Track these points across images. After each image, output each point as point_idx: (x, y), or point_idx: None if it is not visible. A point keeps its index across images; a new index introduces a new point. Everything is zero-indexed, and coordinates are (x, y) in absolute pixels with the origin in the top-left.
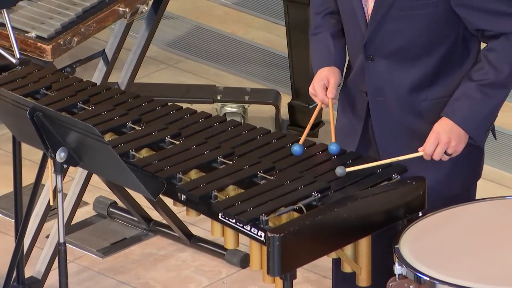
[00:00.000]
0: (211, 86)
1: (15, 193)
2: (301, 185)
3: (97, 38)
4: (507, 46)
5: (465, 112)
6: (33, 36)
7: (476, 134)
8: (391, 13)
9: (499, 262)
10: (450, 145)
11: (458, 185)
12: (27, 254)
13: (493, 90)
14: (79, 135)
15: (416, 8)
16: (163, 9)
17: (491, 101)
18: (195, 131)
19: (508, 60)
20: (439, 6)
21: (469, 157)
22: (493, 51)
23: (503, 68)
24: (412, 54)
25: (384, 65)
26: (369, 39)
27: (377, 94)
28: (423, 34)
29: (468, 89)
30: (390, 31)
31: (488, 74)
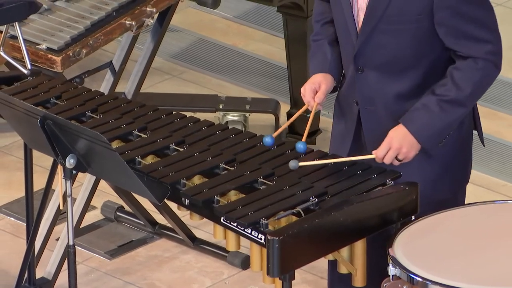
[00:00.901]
0: (214, 96)
1: (27, 197)
2: (299, 190)
3: (104, 50)
4: (473, 69)
5: (421, 123)
6: (44, 48)
7: (428, 145)
8: (380, 27)
9: (488, 264)
10: (401, 151)
11: (446, 189)
12: (38, 256)
13: (452, 107)
14: (87, 143)
15: (403, 23)
16: (168, 22)
17: (448, 117)
18: (198, 139)
19: (470, 81)
20: (424, 22)
21: (456, 162)
22: (459, 70)
23: (465, 87)
24: (399, 66)
25: (374, 77)
26: (359, 51)
27: (367, 104)
28: (409, 48)
29: (428, 101)
30: (378, 44)
31: (450, 91)
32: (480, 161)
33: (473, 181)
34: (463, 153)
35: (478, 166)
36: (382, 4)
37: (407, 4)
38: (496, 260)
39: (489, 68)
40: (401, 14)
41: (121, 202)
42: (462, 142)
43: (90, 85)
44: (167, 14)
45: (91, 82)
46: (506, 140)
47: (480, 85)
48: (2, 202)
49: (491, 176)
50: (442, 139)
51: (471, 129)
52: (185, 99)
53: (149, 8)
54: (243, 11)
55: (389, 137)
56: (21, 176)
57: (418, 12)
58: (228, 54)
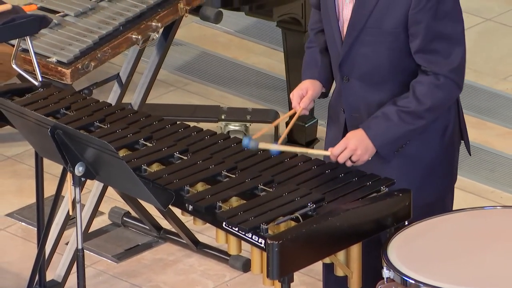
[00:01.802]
0: (216, 107)
1: (38, 204)
2: (297, 197)
3: (112, 63)
4: (434, 84)
5: (379, 130)
6: (54, 61)
7: (383, 151)
8: (361, 38)
9: (478, 266)
10: (355, 153)
11: (431, 193)
12: (48, 259)
13: (410, 118)
14: (95, 151)
15: (381, 36)
16: (172, 37)
17: (406, 127)
18: (201, 148)
19: (430, 96)
20: (400, 35)
21: (440, 168)
22: (421, 84)
23: (425, 101)
24: (379, 77)
25: (358, 86)
26: (343, 61)
27: (352, 111)
28: (387, 59)
29: (388, 111)
30: (360, 54)
31: (410, 103)
32: (469, 169)
33: (463, 188)
34: (447, 159)
35: (468, 173)
36: (363, 16)
37: (384, 17)
38: (485, 263)
39: (449, 86)
40: (379, 26)
41: (128, 208)
42: (446, 148)
43: (98, 96)
44: (172, 29)
45: (99, 93)
46: (494, 149)
47: (439, 101)
48: (14, 208)
49: (480, 183)
50: (398, 147)
51: (456, 136)
52: (189, 110)
53: (155, 23)
54: (244, 26)
55: (347, 138)
56: (33, 183)
57: (395, 26)
58: (229, 67)
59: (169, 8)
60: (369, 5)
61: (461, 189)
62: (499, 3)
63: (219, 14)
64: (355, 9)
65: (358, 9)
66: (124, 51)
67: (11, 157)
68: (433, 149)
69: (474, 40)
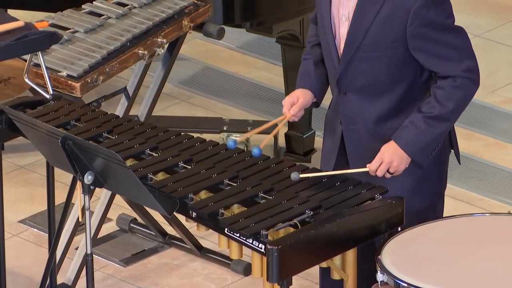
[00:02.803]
0: (218, 118)
1: (49, 211)
2: (296, 204)
3: (120, 77)
4: (453, 86)
5: (410, 138)
6: (64, 75)
7: (418, 158)
8: (358, 55)
9: (468, 270)
10: (392, 165)
11: (422, 200)
12: (59, 263)
13: (436, 122)
14: (104, 161)
15: (379, 51)
16: (177, 52)
17: (434, 131)
18: (205, 157)
19: (452, 98)
20: (398, 49)
21: (430, 176)
22: (441, 89)
23: (447, 104)
24: (377, 90)
25: (355, 99)
26: (340, 76)
27: (349, 123)
28: (385, 73)
29: (415, 118)
30: (357, 70)
31: (434, 108)
32: (459, 177)
33: (454, 195)
34: (437, 168)
35: (458, 182)
36: (359, 35)
37: (382, 34)
38: (474, 267)
39: (467, 84)
40: (377, 43)
41: (135, 215)
42: (436, 158)
43: (106, 108)
44: (176, 44)
45: (107, 106)
46: (483, 159)
47: (461, 100)
48: (26, 214)
49: (469, 191)
50: (431, 151)
51: (446, 147)
52: (193, 122)
53: (160, 39)
54: (245, 41)
55: (381, 152)
56: (44, 191)
57: (393, 41)
58: (231, 80)
59: (174, 25)
60: (366, 24)
61: (451, 197)
62: (487, 21)
63: (221, 31)
64: (352, 28)
65: (355, 28)
66: (131, 66)
67: (24, 167)
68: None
69: None
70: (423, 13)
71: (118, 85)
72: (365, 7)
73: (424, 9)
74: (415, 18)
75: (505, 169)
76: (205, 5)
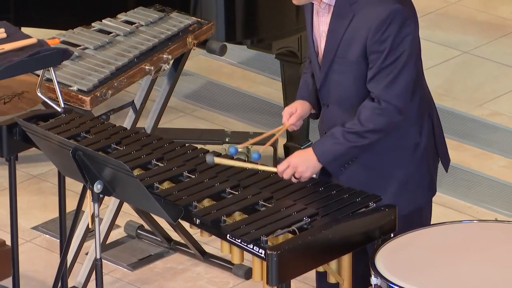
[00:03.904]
0: (221, 131)
1: (60, 218)
2: (294, 212)
3: (127, 91)
4: (376, 109)
5: (326, 147)
6: (75, 89)
7: (329, 166)
8: (333, 67)
9: (457, 274)
10: (297, 170)
11: (406, 205)
12: (70, 268)
13: (354, 137)
14: (112, 171)
15: (348, 65)
16: (182, 68)
17: (349, 144)
18: (208, 167)
19: (372, 120)
20: (361, 64)
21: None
22: (365, 109)
23: (367, 124)
24: (349, 103)
25: (335, 111)
26: (320, 88)
27: None
28: (353, 86)
29: (335, 131)
30: (333, 82)
31: (355, 125)
32: (449, 186)
33: (443, 203)
34: (419, 175)
35: (447, 190)
36: (333, 48)
37: (349, 48)
38: (463, 271)
39: (390, 111)
40: (345, 56)
41: (142, 222)
42: (418, 163)
43: (114, 121)
44: (181, 60)
45: (116, 118)
46: (471, 168)
47: (380, 125)
48: (39, 221)
49: (458, 199)
50: (344, 163)
51: (430, 154)
52: (196, 133)
53: (166, 55)
54: (246, 58)
55: (291, 156)
56: (56, 199)
57: (357, 55)
58: (233, 95)
59: (179, 42)
60: (337, 38)
61: (441, 205)
62: (475, 38)
63: (224, 48)
64: (327, 41)
65: (329, 42)
66: (138, 81)
67: (37, 176)
68: (405, 166)
69: (452, 71)
70: (382, 30)
71: (126, 99)
72: (337, 22)
73: (384, 26)
74: (374, 33)
75: (492, 178)
76: (208, 23)
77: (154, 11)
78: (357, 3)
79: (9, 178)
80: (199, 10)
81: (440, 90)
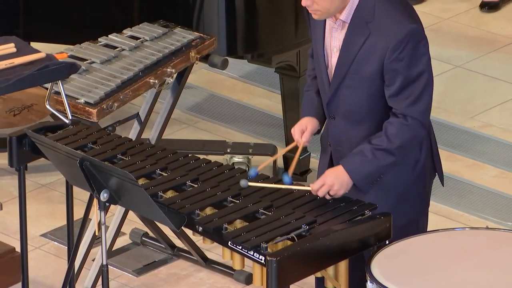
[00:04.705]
0: (222, 142)
1: (68, 225)
2: (293, 219)
3: (132, 104)
4: (402, 125)
5: (356, 165)
6: (82, 102)
7: (360, 184)
8: (345, 82)
9: (449, 280)
10: (332, 188)
11: (404, 217)
12: (77, 273)
13: (382, 155)
14: (118, 180)
15: (361, 80)
16: (185, 81)
17: (378, 162)
18: (210, 177)
19: (399, 136)
20: (376, 80)
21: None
22: (391, 125)
23: (394, 141)
24: (359, 116)
25: (342, 123)
26: (329, 102)
27: (337, 145)
28: (365, 101)
29: (364, 148)
30: (343, 96)
31: (382, 142)
32: (442, 195)
33: (437, 212)
34: (418, 188)
35: (441, 199)
36: (346, 64)
37: (364, 65)
38: (455, 276)
39: (416, 126)
40: (359, 72)
41: (146, 229)
42: (416, 179)
43: (120, 132)
44: (184, 74)
45: (121, 130)
46: (463, 178)
47: (407, 140)
48: (47, 229)
49: (451, 207)
50: (374, 180)
51: (428, 170)
52: (199, 144)
53: (169, 69)
54: (246, 71)
55: (325, 175)
56: (64, 207)
57: (372, 72)
58: (234, 107)
59: (182, 56)
60: (352, 54)
61: (435, 213)
62: (466, 53)
63: (225, 62)
64: (340, 57)
65: (343, 58)
66: (143, 93)
67: (45, 185)
68: (404, 180)
69: (445, 84)
70: (400, 49)
71: (131, 111)
72: (352, 39)
73: (402, 45)
74: (392, 52)
75: (483, 187)
76: (210, 38)
77: (158, 27)
78: (373, 22)
79: (19, 187)
80: (201, 26)
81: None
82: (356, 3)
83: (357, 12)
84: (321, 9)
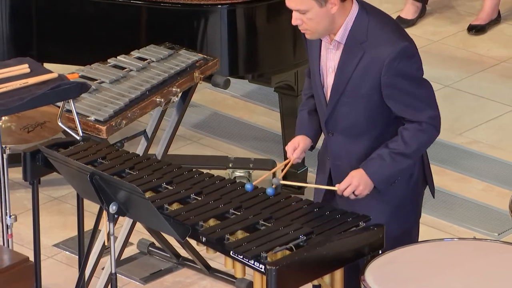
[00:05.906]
0: (225, 157)
1: (79, 236)
2: (291, 230)
3: (140, 121)
4: (418, 130)
5: (376, 168)
6: (92, 120)
7: (380, 186)
8: (342, 100)
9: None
10: (358, 188)
11: (397, 227)
12: (87, 281)
13: (399, 158)
14: (126, 193)
15: (358, 97)
16: (189, 100)
17: (396, 165)
18: (213, 190)
19: (415, 139)
20: (373, 96)
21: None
22: (407, 130)
23: (411, 144)
24: (357, 131)
25: (340, 139)
26: (327, 119)
27: (335, 160)
28: (363, 116)
29: (382, 152)
30: (341, 113)
31: (400, 145)
32: (432, 207)
33: (427, 223)
34: (411, 201)
35: (430, 211)
36: (343, 83)
37: (361, 82)
38: (445, 284)
39: (430, 130)
40: (356, 90)
41: (153, 240)
42: (411, 190)
43: (128, 148)
44: (189, 93)
45: (129, 146)
46: (452, 191)
47: (423, 143)
48: (59, 239)
49: (440, 219)
50: (392, 182)
51: (420, 183)
52: (202, 159)
53: (175, 88)
54: (247, 91)
55: (351, 176)
56: (75, 219)
57: (369, 89)
58: (236, 124)
59: (187, 77)
60: (348, 73)
61: (425, 224)
62: (455, 73)
63: (228, 81)
64: (336, 77)
65: (339, 78)
66: (149, 111)
67: (57, 198)
68: (400, 192)
69: None
70: (394, 65)
71: (139, 128)
72: (347, 60)
73: (396, 62)
74: (387, 69)
75: (471, 200)
76: (213, 59)
77: (164, 48)
78: (367, 41)
79: (32, 200)
80: (205, 48)
81: None
82: (351, 25)
83: (352, 33)
84: (310, 28)
